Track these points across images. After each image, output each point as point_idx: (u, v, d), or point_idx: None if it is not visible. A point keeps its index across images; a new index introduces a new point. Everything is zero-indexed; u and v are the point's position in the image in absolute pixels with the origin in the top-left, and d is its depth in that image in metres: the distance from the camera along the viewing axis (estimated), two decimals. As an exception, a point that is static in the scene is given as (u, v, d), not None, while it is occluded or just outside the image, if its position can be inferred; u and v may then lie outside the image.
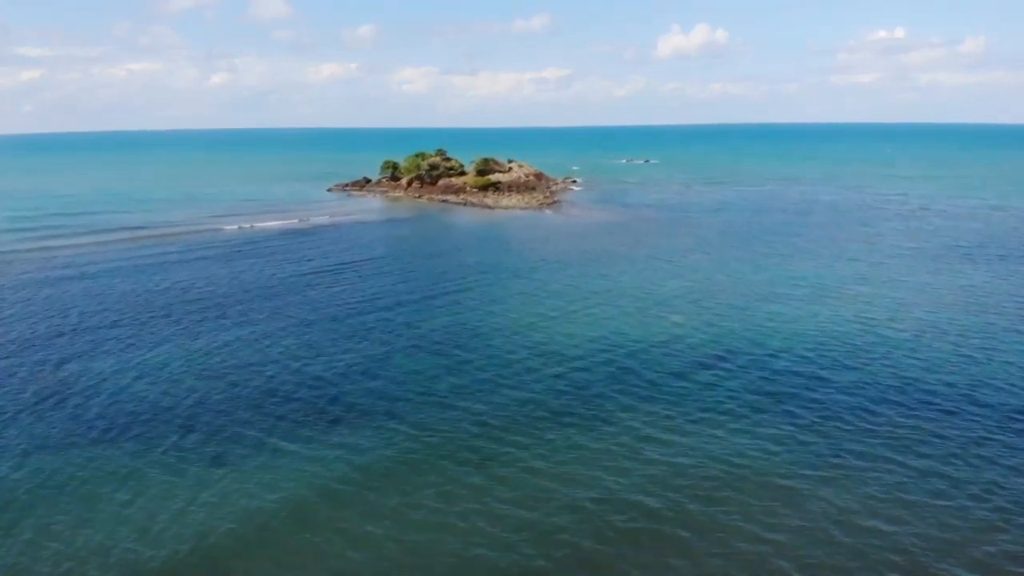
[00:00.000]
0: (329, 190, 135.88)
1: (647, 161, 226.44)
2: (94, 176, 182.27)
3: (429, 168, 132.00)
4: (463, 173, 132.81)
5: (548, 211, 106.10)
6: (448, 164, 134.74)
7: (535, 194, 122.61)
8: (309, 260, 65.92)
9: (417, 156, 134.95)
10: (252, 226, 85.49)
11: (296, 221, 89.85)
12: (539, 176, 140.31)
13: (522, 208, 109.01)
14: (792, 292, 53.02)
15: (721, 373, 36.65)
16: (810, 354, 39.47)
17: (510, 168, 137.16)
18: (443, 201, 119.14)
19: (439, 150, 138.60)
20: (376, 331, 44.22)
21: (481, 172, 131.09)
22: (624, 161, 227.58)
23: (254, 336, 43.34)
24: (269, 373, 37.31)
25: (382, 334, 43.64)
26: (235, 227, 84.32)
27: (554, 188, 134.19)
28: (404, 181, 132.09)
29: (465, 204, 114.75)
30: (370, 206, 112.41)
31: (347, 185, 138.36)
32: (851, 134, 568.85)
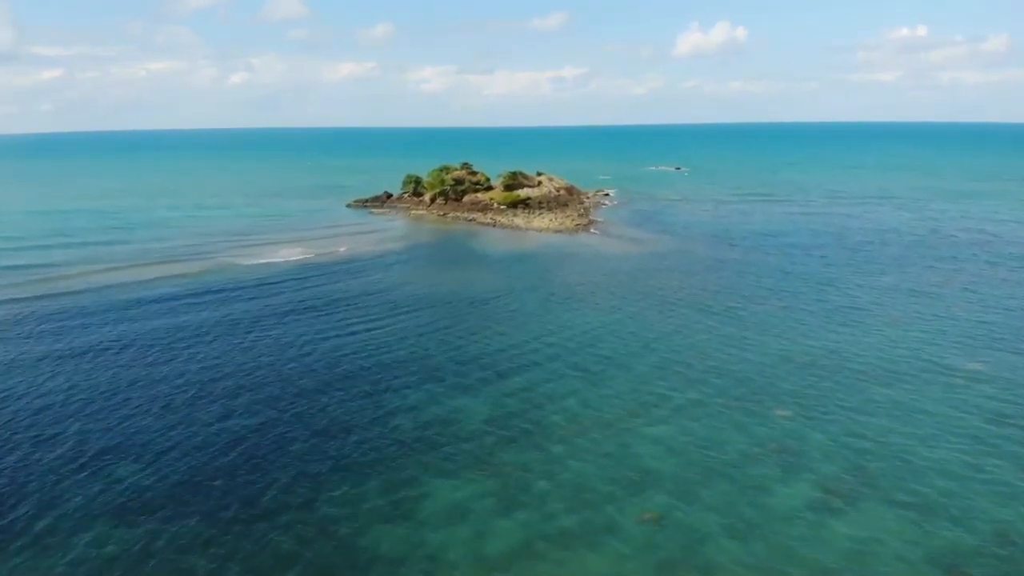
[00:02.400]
0: (348, 206, 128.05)
1: (678, 168, 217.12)
2: (98, 186, 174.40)
3: (454, 183, 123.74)
4: (490, 188, 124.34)
5: (584, 235, 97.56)
6: (474, 179, 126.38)
7: (568, 212, 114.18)
8: (324, 317, 56.90)
9: (441, 170, 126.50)
10: (265, 262, 77.22)
11: (313, 254, 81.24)
12: (570, 190, 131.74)
13: (556, 230, 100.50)
14: (904, 369, 43.96)
15: (868, 514, 27.93)
16: (988, 473, 30.69)
17: (539, 182, 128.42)
18: (470, 220, 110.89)
19: (464, 164, 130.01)
20: (402, 436, 35.76)
21: (509, 187, 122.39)
22: (653, 168, 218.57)
23: (251, 445, 35.14)
24: (265, 510, 29.09)
25: (410, 442, 35.13)
26: (245, 262, 75.80)
27: (587, 203, 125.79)
28: (427, 197, 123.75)
29: (494, 225, 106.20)
30: (393, 229, 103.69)
31: (367, 201, 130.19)
32: (878, 135, 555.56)
